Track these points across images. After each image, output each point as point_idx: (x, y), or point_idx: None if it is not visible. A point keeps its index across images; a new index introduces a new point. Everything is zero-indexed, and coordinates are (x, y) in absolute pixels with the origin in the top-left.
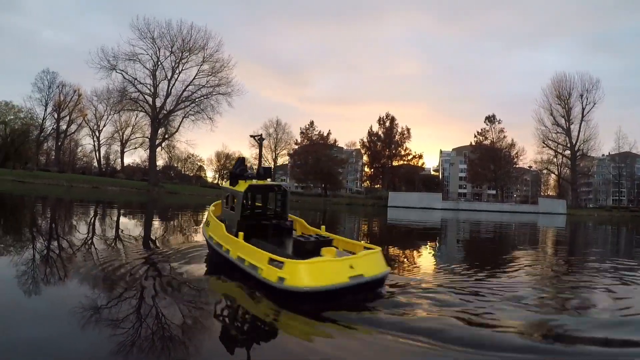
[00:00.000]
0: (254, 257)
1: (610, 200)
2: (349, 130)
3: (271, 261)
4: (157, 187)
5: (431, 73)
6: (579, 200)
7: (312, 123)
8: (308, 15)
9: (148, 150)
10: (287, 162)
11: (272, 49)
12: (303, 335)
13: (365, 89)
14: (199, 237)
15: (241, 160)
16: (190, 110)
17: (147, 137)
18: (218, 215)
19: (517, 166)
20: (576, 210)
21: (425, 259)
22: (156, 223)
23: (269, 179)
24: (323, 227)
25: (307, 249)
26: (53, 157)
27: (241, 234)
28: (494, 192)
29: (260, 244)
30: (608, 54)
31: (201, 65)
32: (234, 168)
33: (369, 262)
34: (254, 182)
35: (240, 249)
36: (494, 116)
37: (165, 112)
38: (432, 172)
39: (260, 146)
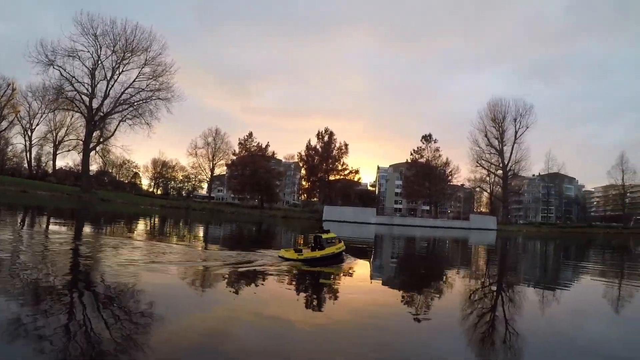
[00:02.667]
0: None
1: (540, 217)
2: (290, 143)
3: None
4: (90, 193)
5: (374, 91)
6: (510, 217)
7: (250, 134)
8: (258, 27)
9: (82, 154)
10: (224, 173)
11: (219, 56)
12: None
13: (308, 102)
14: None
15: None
16: (127, 114)
17: (81, 140)
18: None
19: (452, 184)
20: (506, 226)
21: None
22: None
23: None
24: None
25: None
26: None
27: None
28: (428, 208)
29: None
30: (542, 81)
31: (143, 67)
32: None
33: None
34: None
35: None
36: (430, 135)
37: (101, 114)
38: (369, 187)
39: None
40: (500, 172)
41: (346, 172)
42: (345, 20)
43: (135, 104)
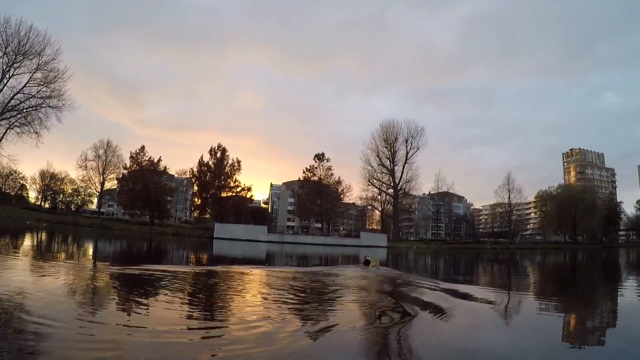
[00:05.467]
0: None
1: (430, 233)
2: (183, 158)
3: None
4: None
5: (268, 108)
6: (401, 234)
7: (142, 148)
8: (152, 37)
9: None
10: (115, 187)
11: (111, 65)
12: None
13: (203, 117)
14: None
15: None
16: (16, 121)
17: None
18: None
19: (344, 202)
20: (397, 243)
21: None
22: None
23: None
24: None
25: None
26: None
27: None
28: (320, 225)
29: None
30: (433, 105)
31: (34, 72)
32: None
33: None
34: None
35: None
36: (323, 154)
37: None
38: (262, 205)
39: None
40: (391, 190)
41: (238, 189)
42: (240, 36)
43: (25, 110)
